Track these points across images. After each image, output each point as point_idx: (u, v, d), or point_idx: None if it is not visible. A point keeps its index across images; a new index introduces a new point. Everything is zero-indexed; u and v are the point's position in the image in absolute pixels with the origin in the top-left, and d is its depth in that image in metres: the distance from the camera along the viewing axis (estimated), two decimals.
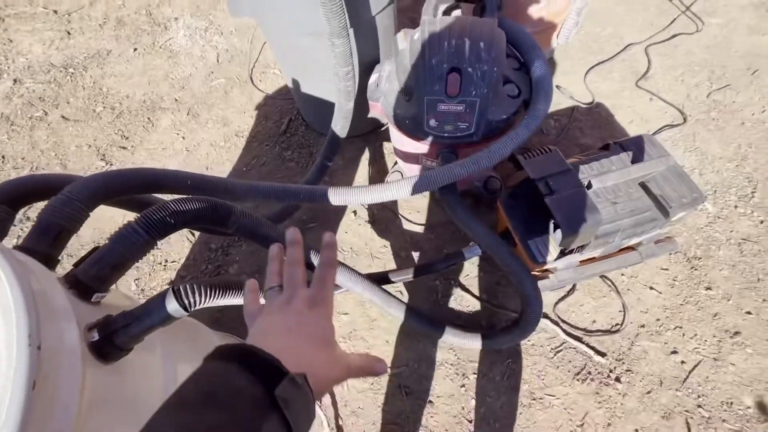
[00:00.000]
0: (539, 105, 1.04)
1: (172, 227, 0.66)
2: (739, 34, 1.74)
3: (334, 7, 0.88)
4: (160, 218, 0.64)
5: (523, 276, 1.03)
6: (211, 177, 0.90)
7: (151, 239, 0.64)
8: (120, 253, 0.60)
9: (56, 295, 0.53)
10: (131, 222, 0.62)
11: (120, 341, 0.55)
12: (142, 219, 0.62)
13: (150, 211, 0.64)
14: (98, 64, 2.04)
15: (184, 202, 0.67)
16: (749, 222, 1.34)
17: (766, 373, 1.12)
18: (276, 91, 1.85)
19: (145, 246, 0.63)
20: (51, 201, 0.66)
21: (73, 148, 1.76)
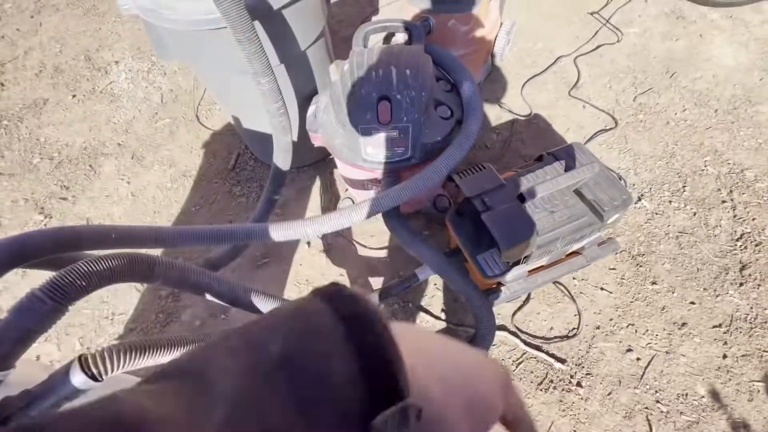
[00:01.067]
0: (470, 124, 1.07)
1: (84, 290, 0.63)
2: (654, 41, 1.88)
3: (253, 47, 0.89)
4: (68, 282, 0.60)
5: (471, 293, 1.04)
6: (139, 227, 0.87)
7: (61, 306, 0.60)
8: (22, 326, 0.56)
9: None
10: (34, 290, 0.58)
11: None
12: (47, 285, 0.59)
13: (56, 275, 0.60)
14: (34, 114, 1.97)
15: (97, 261, 0.64)
16: (684, 215, 1.41)
17: (714, 360, 1.16)
18: (223, 127, 1.83)
19: (53, 314, 0.59)
20: None
21: (8, 204, 1.67)
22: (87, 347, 1.32)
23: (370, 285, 1.37)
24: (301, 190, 1.61)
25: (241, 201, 1.59)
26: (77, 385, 0.53)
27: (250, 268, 1.41)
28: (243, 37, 0.86)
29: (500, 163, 1.58)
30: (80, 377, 0.54)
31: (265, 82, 0.97)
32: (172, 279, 0.76)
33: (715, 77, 1.73)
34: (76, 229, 0.79)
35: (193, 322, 1.33)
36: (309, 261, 1.42)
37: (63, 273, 0.61)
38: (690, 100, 1.68)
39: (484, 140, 1.65)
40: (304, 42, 1.16)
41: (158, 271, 0.73)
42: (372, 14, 2.21)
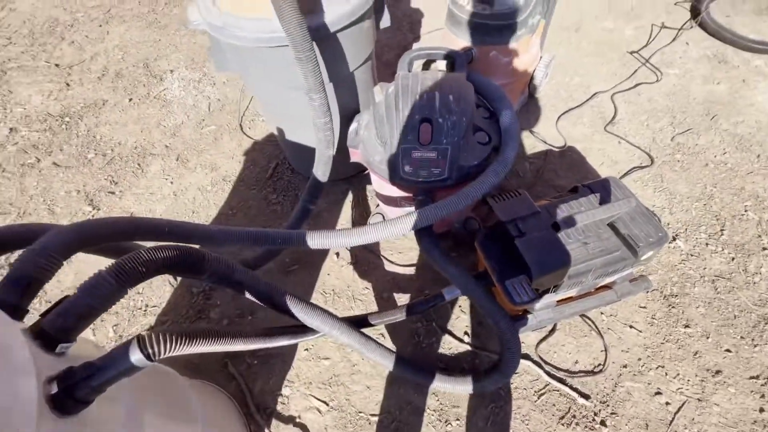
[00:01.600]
0: (508, 152, 1.10)
1: (143, 276, 0.67)
2: (695, 83, 1.87)
3: (311, 66, 0.96)
4: (131, 267, 0.65)
5: (498, 318, 1.04)
6: (189, 224, 0.93)
7: (122, 288, 0.65)
8: (88, 303, 0.61)
9: (18, 348, 0.53)
10: (101, 271, 0.63)
11: (80, 394, 0.54)
12: (113, 268, 0.64)
13: (122, 260, 0.65)
14: (94, 114, 2.12)
15: (157, 251, 0.69)
16: (721, 259, 1.37)
17: (750, 413, 1.10)
18: (264, 137, 1.93)
19: (115, 295, 0.64)
20: (24, 252, 0.67)
21: (62, 194, 1.79)
22: (119, 335, 1.38)
23: (395, 300, 1.38)
24: (333, 202, 1.66)
25: (275, 208, 1.65)
26: (134, 362, 0.57)
27: (280, 273, 1.45)
28: (303, 56, 0.93)
29: (532, 192, 1.59)
30: (138, 355, 0.58)
31: (316, 98, 1.03)
32: (218, 274, 0.80)
33: (758, 123, 1.71)
34: (134, 220, 0.85)
35: (221, 320, 1.37)
36: (336, 271, 1.45)
37: (127, 258, 0.67)
38: (731, 144, 1.65)
39: (517, 168, 1.67)
40: (354, 63, 1.23)
41: (207, 266, 0.78)
42: (413, 41, 2.31)
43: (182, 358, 1.28)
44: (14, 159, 1.92)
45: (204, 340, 0.68)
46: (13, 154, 1.95)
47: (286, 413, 1.19)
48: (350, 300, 1.39)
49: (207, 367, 1.27)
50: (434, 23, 2.35)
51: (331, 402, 1.20)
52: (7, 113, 2.14)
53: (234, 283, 0.83)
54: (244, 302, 1.40)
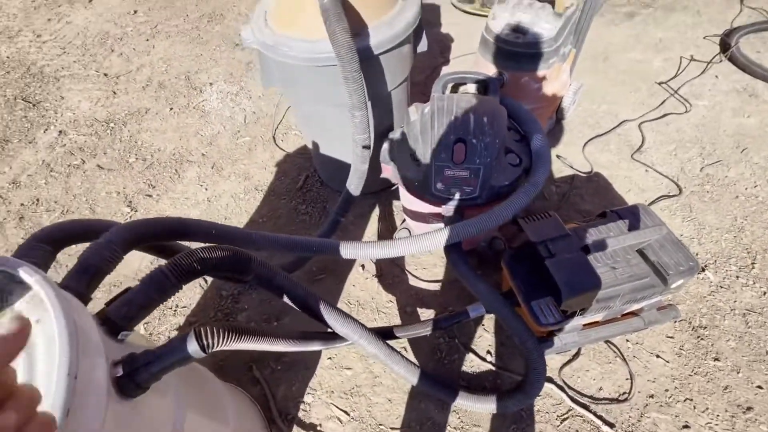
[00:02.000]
0: (538, 174, 1.13)
1: (197, 273, 0.72)
2: (725, 115, 1.88)
3: (357, 85, 1.02)
4: (188, 264, 0.70)
5: (526, 337, 1.05)
6: (234, 228, 0.98)
7: (178, 283, 0.69)
8: (149, 295, 0.66)
9: (91, 331, 0.58)
10: (162, 266, 0.68)
11: (140, 378, 0.58)
12: (172, 264, 0.69)
13: (179, 257, 0.70)
14: (137, 120, 2.24)
15: (210, 250, 0.74)
16: (752, 293, 1.35)
17: None
18: (296, 150, 2.00)
19: (171, 289, 0.69)
20: (92, 244, 0.73)
21: (103, 195, 1.89)
22: (150, 333, 1.43)
23: (418, 314, 1.40)
24: (360, 216, 1.70)
25: (304, 218, 1.70)
26: (191, 352, 0.61)
27: (306, 282, 1.49)
28: (350, 76, 1.00)
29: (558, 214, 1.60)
30: (194, 346, 0.61)
31: (358, 115, 1.09)
32: (262, 277, 0.85)
33: None
34: (185, 221, 0.91)
35: (248, 323, 1.41)
36: (362, 283, 1.48)
37: (183, 255, 0.71)
38: (762, 177, 1.64)
39: (544, 191, 1.69)
40: (392, 84, 1.30)
41: (253, 268, 0.82)
42: (442, 64, 2.38)
43: (211, 359, 1.31)
44: (62, 160, 2.04)
45: (251, 336, 0.72)
46: (60, 155, 2.07)
47: (307, 420, 1.20)
48: (374, 312, 1.41)
49: (233, 370, 1.30)
50: (463, 48, 2.44)
51: (352, 412, 1.21)
52: (57, 117, 2.28)
53: (275, 286, 0.87)
54: (271, 308, 1.44)
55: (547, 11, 1.43)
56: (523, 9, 1.46)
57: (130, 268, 1.59)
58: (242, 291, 1.49)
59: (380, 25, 1.14)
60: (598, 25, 2.50)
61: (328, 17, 0.95)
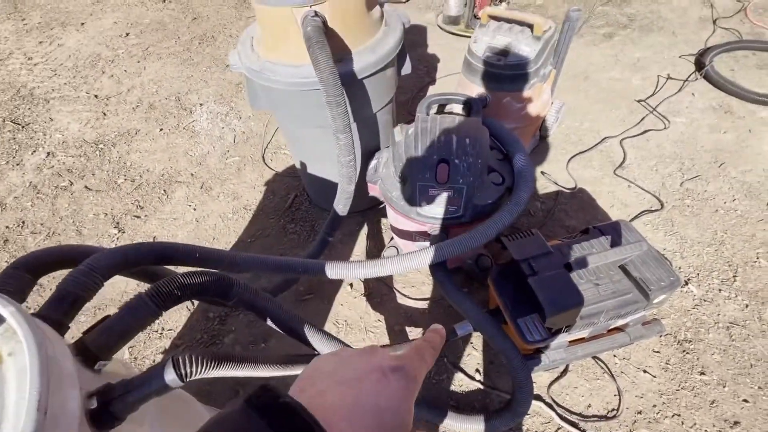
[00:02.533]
0: (521, 192, 1.15)
1: (178, 299, 0.72)
2: (702, 131, 1.94)
3: (340, 109, 1.04)
4: (168, 291, 0.70)
5: (512, 355, 1.05)
6: (218, 250, 0.98)
7: (159, 310, 0.69)
8: (128, 323, 0.66)
9: (65, 362, 0.57)
10: (142, 294, 0.68)
11: (116, 409, 0.57)
12: (152, 291, 0.69)
13: (160, 284, 0.70)
14: (126, 141, 2.25)
15: (191, 276, 0.74)
16: (735, 306, 1.37)
17: None
18: (285, 169, 2.02)
19: (152, 317, 0.68)
20: (73, 271, 0.73)
21: (90, 216, 1.88)
22: (134, 357, 1.40)
23: (406, 333, 1.39)
24: (348, 234, 1.71)
25: (293, 237, 1.71)
26: (168, 382, 0.61)
27: (294, 302, 1.48)
28: (333, 100, 1.02)
29: (542, 231, 1.62)
30: (172, 375, 0.61)
31: (342, 138, 1.11)
32: (244, 300, 0.85)
33: (766, 171, 1.74)
34: (169, 246, 0.91)
35: (233, 346, 1.39)
36: (350, 302, 1.48)
37: (165, 282, 0.71)
38: (740, 191, 1.69)
39: (529, 207, 1.71)
40: (377, 106, 1.32)
41: (235, 292, 0.82)
42: (428, 85, 2.44)
43: (196, 384, 1.29)
44: (49, 181, 2.04)
45: (232, 363, 0.71)
46: (48, 177, 2.06)
47: None
48: (363, 332, 1.40)
49: (219, 394, 1.28)
50: (449, 68, 2.50)
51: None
52: (46, 139, 2.28)
53: (258, 309, 0.87)
54: (258, 330, 1.43)
55: (526, 34, 1.48)
56: (503, 32, 1.52)
57: (116, 291, 1.57)
58: (229, 312, 1.48)
59: (363, 50, 1.17)
60: (579, 46, 2.59)
61: (311, 44, 0.97)
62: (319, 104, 1.13)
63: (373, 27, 1.21)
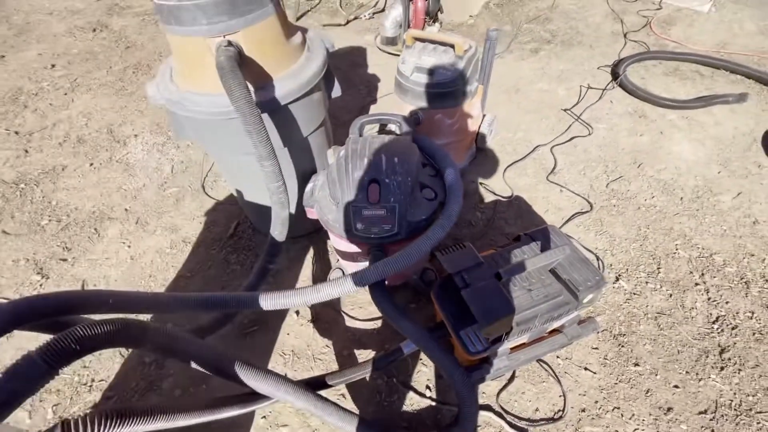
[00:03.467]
0: (452, 205, 1.18)
1: (77, 354, 0.66)
2: (622, 135, 2.10)
3: (261, 137, 1.03)
4: (64, 346, 0.64)
5: (452, 370, 1.05)
6: (135, 293, 0.92)
7: (52, 370, 0.63)
8: (12, 389, 0.59)
9: None
10: (30, 353, 0.62)
11: None
12: (43, 348, 0.63)
13: (53, 339, 0.64)
14: (51, 179, 2.10)
15: (93, 326, 0.68)
16: (660, 296, 1.47)
17: None
18: (226, 197, 1.96)
19: (43, 378, 0.62)
20: None
21: (9, 264, 1.72)
22: (59, 416, 1.27)
23: (356, 357, 1.37)
24: (293, 259, 1.67)
25: (235, 269, 1.64)
26: None
27: (237, 336, 1.42)
28: (252, 129, 1.00)
29: (484, 239, 1.68)
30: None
31: (267, 165, 1.09)
32: (160, 345, 0.80)
33: (678, 169, 1.91)
34: (74, 294, 0.84)
35: (173, 390, 1.30)
36: (296, 330, 1.43)
37: (59, 337, 0.66)
38: (657, 188, 1.83)
39: (469, 218, 1.76)
40: (306, 130, 1.32)
41: (149, 337, 0.77)
42: (370, 104, 2.48)
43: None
44: None
45: (139, 418, 0.66)
46: None
47: None
48: (310, 360, 1.36)
49: None
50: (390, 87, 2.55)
51: None
52: None
53: (178, 352, 0.82)
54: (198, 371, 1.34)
55: (449, 54, 1.55)
56: (428, 53, 1.58)
57: None
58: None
59: (285, 77, 1.17)
60: (509, 61, 2.75)
61: (224, 74, 0.96)
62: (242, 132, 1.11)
63: (294, 53, 1.22)
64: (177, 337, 0.81)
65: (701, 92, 2.34)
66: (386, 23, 2.79)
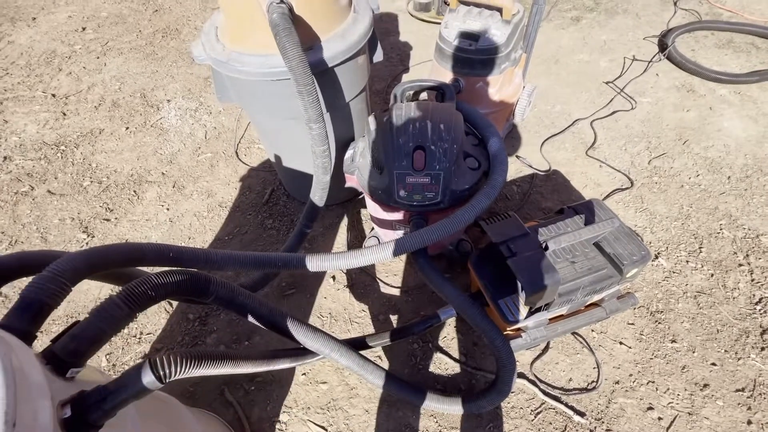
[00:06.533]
0: (497, 176, 1.16)
1: (153, 300, 0.70)
2: (667, 110, 2.01)
3: (311, 98, 1.02)
4: (141, 292, 0.68)
5: (494, 335, 1.07)
6: (192, 249, 0.95)
7: (132, 312, 0.67)
8: (100, 327, 0.63)
9: (33, 372, 0.55)
10: (113, 296, 0.65)
11: (92, 417, 0.55)
12: (123, 293, 0.66)
13: (132, 284, 0.68)
14: (90, 142, 2.15)
15: (165, 275, 0.72)
16: (701, 275, 1.44)
17: (739, 425, 1.13)
18: (260, 163, 1.97)
19: (125, 319, 0.66)
20: (35, 278, 0.69)
21: (55, 222, 1.79)
22: (113, 364, 1.36)
23: (391, 322, 1.40)
24: (329, 226, 1.69)
25: (271, 233, 1.68)
26: (146, 384, 0.59)
27: (277, 297, 1.46)
28: (304, 90, 1.00)
29: (520, 213, 1.66)
30: (149, 377, 0.59)
31: (316, 128, 1.09)
32: (222, 298, 0.83)
33: (726, 147, 1.83)
34: (140, 246, 0.87)
35: (217, 346, 1.37)
36: (333, 295, 1.47)
37: (136, 283, 0.69)
38: (703, 166, 1.76)
39: (505, 191, 1.74)
40: (349, 95, 1.31)
41: (212, 289, 0.80)
42: (402, 72, 2.42)
43: (179, 385, 1.26)
44: (7, 187, 1.92)
45: (212, 361, 0.70)
46: (6, 182, 1.95)
47: None
48: (347, 323, 1.40)
49: (204, 395, 1.26)
50: (422, 55, 2.49)
51: (330, 427, 1.19)
52: (1, 142, 2.15)
53: (237, 305, 0.85)
54: (240, 328, 1.40)
55: (495, 19, 1.48)
56: (473, 17, 1.51)
57: (89, 297, 1.51)
58: (209, 312, 1.44)
59: (333, 37, 1.15)
60: (548, 30, 2.63)
61: (278, 32, 0.95)
62: (289, 94, 1.10)
63: (342, 13, 1.19)
64: (237, 292, 0.84)
65: (756, 66, 2.20)
66: None
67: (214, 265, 1.01)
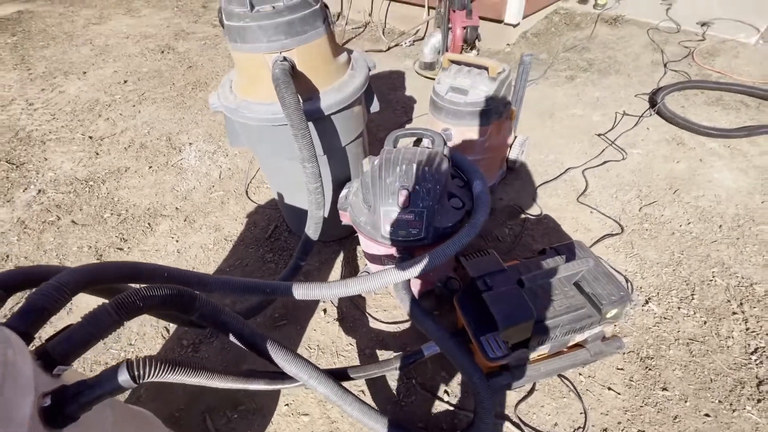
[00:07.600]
0: (478, 215, 1.23)
1: (140, 310, 0.77)
2: (657, 161, 2.08)
3: (305, 141, 1.14)
4: (130, 302, 0.75)
5: (471, 371, 1.08)
6: (187, 271, 1.03)
7: (121, 320, 0.74)
8: (89, 331, 0.70)
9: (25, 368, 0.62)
10: (104, 304, 0.73)
11: (69, 409, 0.61)
12: (114, 302, 0.74)
13: (122, 295, 0.75)
14: (116, 178, 2.35)
15: (154, 289, 0.79)
16: (694, 322, 1.42)
17: None
18: (267, 202, 2.11)
19: (113, 326, 0.73)
20: (42, 285, 0.78)
21: (74, 249, 1.93)
22: None
23: (377, 356, 1.41)
24: (324, 262, 1.77)
25: (270, 266, 1.76)
26: (122, 383, 0.65)
27: (268, 327, 1.51)
28: (298, 133, 1.12)
29: (511, 255, 1.70)
30: (125, 376, 0.65)
31: (309, 167, 1.20)
32: (206, 315, 0.89)
33: (717, 197, 1.86)
34: (137, 265, 0.96)
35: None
36: (323, 327, 1.50)
37: (127, 294, 0.77)
38: (694, 215, 1.79)
39: (498, 233, 1.79)
40: (345, 139, 1.44)
41: (197, 306, 0.87)
42: (405, 123, 2.61)
43: (164, 410, 1.29)
44: (37, 217, 2.10)
45: (186, 369, 0.75)
46: (37, 212, 2.13)
47: None
48: (334, 356, 1.42)
49: (187, 421, 1.27)
50: (424, 108, 2.68)
51: None
52: (39, 177, 2.37)
53: (219, 323, 0.92)
54: (231, 355, 1.44)
55: (483, 76, 1.64)
56: (463, 75, 1.68)
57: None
58: (203, 340, 1.49)
59: (330, 90, 1.30)
60: (544, 87, 2.81)
61: (278, 84, 1.10)
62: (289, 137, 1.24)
63: (340, 70, 1.35)
64: (221, 310, 0.90)
65: (745, 122, 2.29)
66: (425, 49, 2.95)
67: (206, 287, 1.08)
